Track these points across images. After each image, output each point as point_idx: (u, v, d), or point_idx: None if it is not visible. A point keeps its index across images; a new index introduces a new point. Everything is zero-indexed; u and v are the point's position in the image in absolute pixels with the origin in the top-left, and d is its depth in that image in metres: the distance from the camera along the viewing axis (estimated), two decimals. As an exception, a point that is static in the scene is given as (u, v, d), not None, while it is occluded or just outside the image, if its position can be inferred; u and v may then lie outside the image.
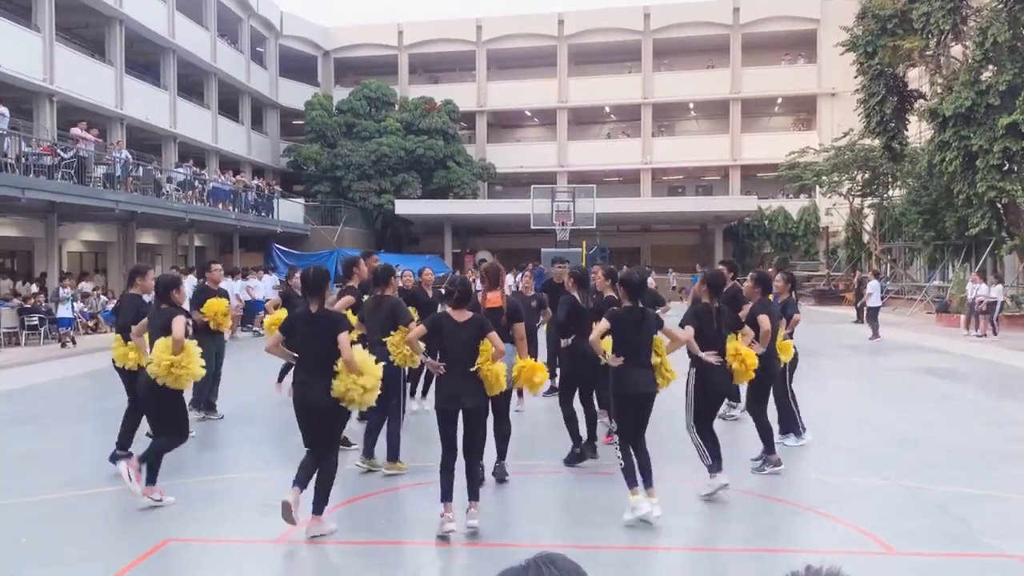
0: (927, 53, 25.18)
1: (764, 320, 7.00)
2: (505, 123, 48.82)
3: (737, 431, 8.46)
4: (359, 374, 5.43)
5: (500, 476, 6.82)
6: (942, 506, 6.29)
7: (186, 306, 6.97)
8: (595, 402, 7.72)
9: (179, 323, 6.16)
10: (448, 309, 5.68)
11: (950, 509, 6.21)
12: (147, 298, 7.32)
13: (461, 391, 5.54)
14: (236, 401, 10.40)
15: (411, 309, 7.42)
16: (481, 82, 45.21)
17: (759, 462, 7.14)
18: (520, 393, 9.56)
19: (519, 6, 52.85)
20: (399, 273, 8.68)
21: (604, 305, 7.13)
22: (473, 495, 5.61)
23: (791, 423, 8.09)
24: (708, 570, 5.11)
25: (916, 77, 29.01)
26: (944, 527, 5.84)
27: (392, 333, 6.87)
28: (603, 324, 5.95)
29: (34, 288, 19.52)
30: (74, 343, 18.34)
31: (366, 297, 7.49)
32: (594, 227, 28.11)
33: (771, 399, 7.59)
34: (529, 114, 47.62)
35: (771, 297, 7.67)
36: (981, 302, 19.75)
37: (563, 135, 45.03)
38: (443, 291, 5.82)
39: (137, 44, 29.85)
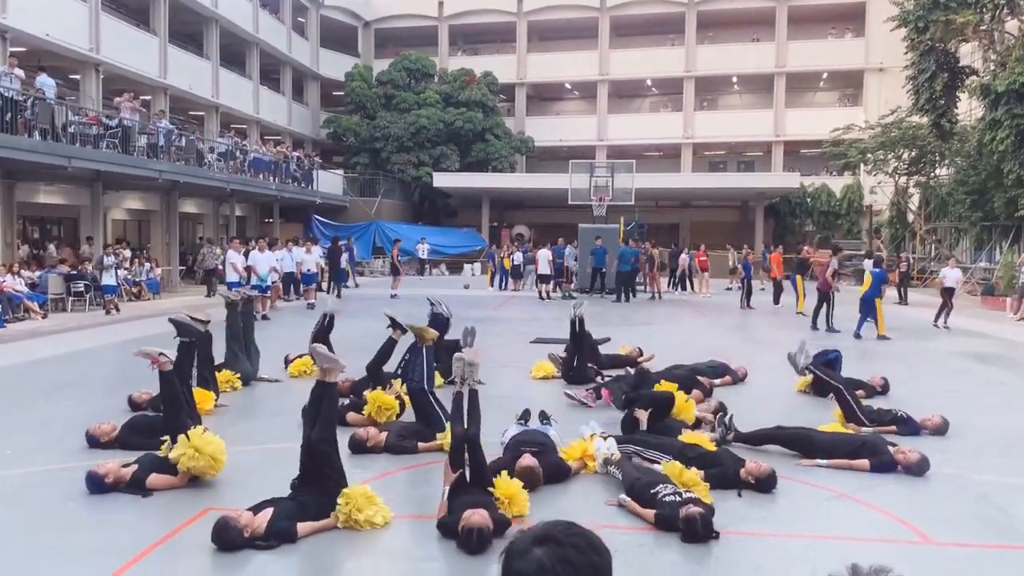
0: (981, 28, 24.51)
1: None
2: (545, 96, 48.40)
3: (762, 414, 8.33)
4: None
5: None
6: (983, 495, 6.19)
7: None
8: None
9: None
10: None
11: (992, 498, 6.12)
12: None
13: None
14: (276, 372, 10.58)
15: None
16: (521, 54, 44.84)
17: None
18: None
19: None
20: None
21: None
22: None
23: None
24: (739, 555, 5.08)
25: (968, 53, 28.24)
26: (984, 516, 5.76)
27: None
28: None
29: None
30: (118, 310, 18.73)
31: None
32: (632, 203, 27.81)
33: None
34: (569, 87, 47.17)
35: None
36: None
37: (603, 108, 44.55)
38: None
39: (180, 14, 30.06)
